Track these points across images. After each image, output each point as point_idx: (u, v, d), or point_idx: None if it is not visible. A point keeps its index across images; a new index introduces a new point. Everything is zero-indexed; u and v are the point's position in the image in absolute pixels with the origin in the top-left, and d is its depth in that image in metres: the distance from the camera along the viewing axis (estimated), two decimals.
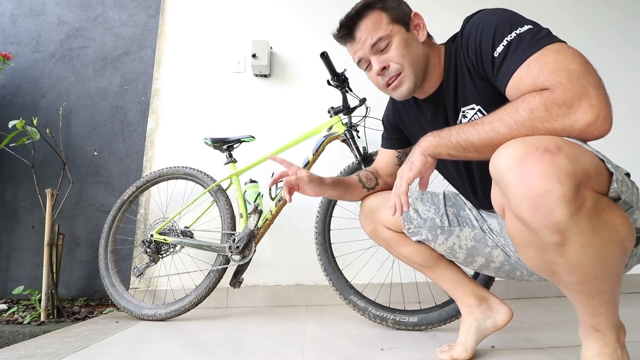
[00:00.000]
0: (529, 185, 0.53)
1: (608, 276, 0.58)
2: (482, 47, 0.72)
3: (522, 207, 0.55)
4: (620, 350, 0.64)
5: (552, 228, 0.54)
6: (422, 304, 1.53)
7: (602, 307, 0.62)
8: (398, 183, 0.78)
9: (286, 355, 1.01)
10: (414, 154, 0.75)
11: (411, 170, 0.75)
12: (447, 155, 0.71)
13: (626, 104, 2.04)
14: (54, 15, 2.08)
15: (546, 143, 0.54)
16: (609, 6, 2.16)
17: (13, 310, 1.64)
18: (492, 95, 0.75)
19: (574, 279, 0.59)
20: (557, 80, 0.59)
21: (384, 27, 0.81)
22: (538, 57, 0.63)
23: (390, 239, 1.03)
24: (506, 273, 0.96)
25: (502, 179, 0.57)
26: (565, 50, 0.62)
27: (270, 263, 1.77)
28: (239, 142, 1.58)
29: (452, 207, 1.01)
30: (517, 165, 0.54)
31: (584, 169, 0.53)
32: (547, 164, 0.52)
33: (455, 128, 0.69)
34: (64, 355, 1.04)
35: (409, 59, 0.82)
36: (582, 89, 0.57)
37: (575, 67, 0.59)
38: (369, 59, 0.84)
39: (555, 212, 0.52)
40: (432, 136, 0.73)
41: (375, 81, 0.87)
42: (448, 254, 1.00)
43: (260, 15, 2.03)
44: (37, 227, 1.86)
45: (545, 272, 0.63)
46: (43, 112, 1.95)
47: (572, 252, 0.55)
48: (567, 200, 0.51)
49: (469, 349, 0.92)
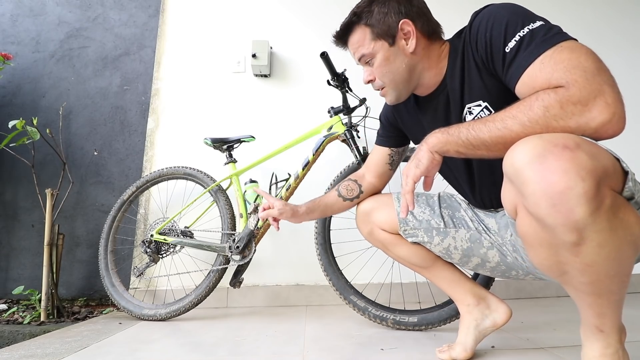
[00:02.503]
0: (549, 181, 0.52)
1: (620, 276, 0.57)
2: (492, 42, 0.70)
3: (541, 204, 0.54)
4: (622, 351, 0.64)
5: (571, 226, 0.52)
6: (422, 304, 1.53)
7: (609, 308, 0.61)
8: (404, 182, 0.75)
9: (286, 355, 1.01)
10: (421, 151, 0.72)
11: (418, 168, 0.72)
12: (456, 152, 0.69)
13: (626, 104, 2.04)
14: (54, 15, 2.08)
15: (565, 140, 0.53)
16: (609, 6, 2.16)
17: (13, 310, 1.64)
18: (500, 92, 0.74)
19: (586, 279, 0.58)
20: (572, 78, 0.58)
21: (366, 45, 0.85)
22: (552, 54, 0.61)
23: (387, 241, 1.03)
24: (501, 273, 0.97)
25: (519, 176, 0.56)
26: (579, 48, 0.61)
27: (270, 263, 1.77)
28: (239, 142, 1.58)
29: (447, 209, 1.01)
30: (536, 161, 0.53)
31: (604, 167, 0.53)
32: (568, 161, 0.51)
33: (464, 125, 0.67)
34: (64, 355, 1.04)
35: (389, 76, 0.86)
36: (598, 87, 0.56)
37: (590, 65, 0.58)
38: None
39: (575, 210, 0.51)
40: (440, 133, 0.70)
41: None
42: (444, 255, 1.00)
43: (260, 15, 2.03)
44: (37, 227, 1.86)
45: (555, 272, 0.62)
46: (43, 112, 1.95)
47: (588, 251, 0.54)
48: (589, 197, 0.50)
49: (468, 349, 0.92)
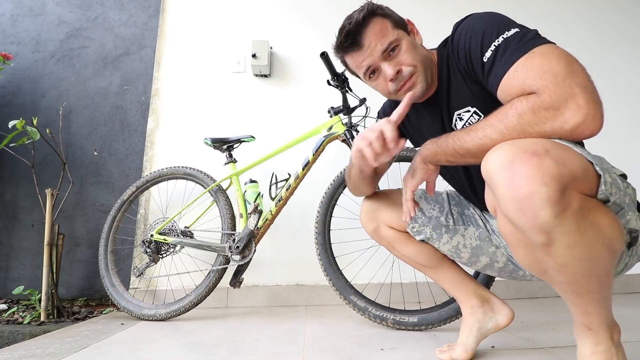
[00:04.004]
0: (516, 186, 0.54)
1: (597, 276, 0.59)
2: (471, 53, 0.74)
3: (510, 208, 0.56)
4: (615, 349, 0.65)
5: (538, 229, 0.55)
6: (422, 304, 1.53)
7: (593, 307, 0.63)
8: (403, 191, 0.86)
9: (286, 355, 1.01)
10: (415, 162, 0.80)
11: (414, 178, 0.81)
12: (446, 161, 0.74)
13: (626, 104, 2.04)
14: (54, 15, 2.08)
15: (534, 146, 0.55)
16: (609, 6, 2.16)
17: (13, 310, 1.64)
18: (487, 96, 0.76)
19: (563, 279, 0.61)
20: (543, 84, 0.60)
21: (390, 32, 0.81)
22: (524, 61, 0.64)
23: (393, 239, 1.02)
24: (509, 273, 0.97)
25: (492, 180, 0.59)
26: (551, 52, 0.63)
27: (270, 263, 1.77)
28: (239, 142, 1.58)
29: (456, 206, 1.01)
30: (505, 167, 0.56)
31: (570, 172, 0.54)
32: (534, 167, 0.53)
33: (451, 135, 0.72)
34: (64, 355, 1.04)
35: (420, 59, 0.82)
36: (569, 91, 0.58)
37: (561, 69, 0.60)
38: (378, 66, 0.83)
39: (540, 214, 0.53)
40: (431, 144, 0.77)
41: (384, 88, 0.85)
42: (452, 254, 0.99)
43: (260, 15, 2.03)
44: (37, 227, 1.86)
45: (537, 271, 0.64)
46: (43, 112, 1.95)
47: (559, 252, 0.57)
48: (552, 202, 0.52)
49: (469, 350, 0.92)
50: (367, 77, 0.86)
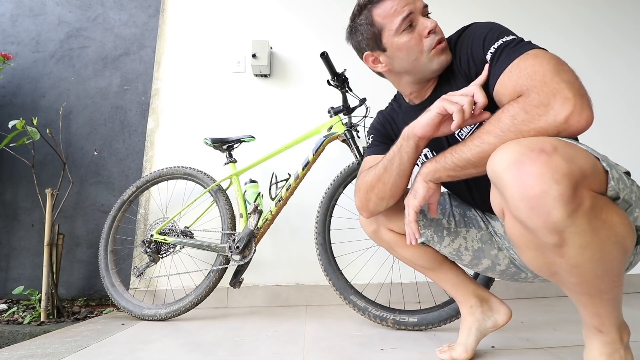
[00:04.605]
0: (526, 186, 0.53)
1: (608, 276, 0.58)
2: (474, 56, 0.78)
3: (520, 208, 0.55)
4: (624, 351, 0.64)
5: (550, 228, 0.53)
6: (422, 304, 1.53)
7: (603, 308, 0.62)
8: (406, 212, 0.80)
9: (286, 355, 1.01)
10: (417, 182, 0.77)
11: (415, 199, 0.77)
12: (448, 177, 0.73)
13: (626, 104, 2.04)
14: (54, 15, 2.08)
15: (542, 144, 0.55)
16: (609, 6, 2.16)
17: (13, 310, 1.64)
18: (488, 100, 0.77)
19: (574, 280, 0.59)
20: (532, 84, 0.63)
21: None
22: (518, 62, 0.68)
23: (393, 241, 1.01)
24: (511, 275, 0.96)
25: (500, 181, 0.58)
26: (542, 54, 0.67)
27: (270, 263, 1.77)
28: (239, 142, 1.58)
29: (458, 207, 0.99)
30: (514, 166, 0.55)
31: (581, 168, 0.53)
32: (543, 165, 0.52)
33: (449, 150, 0.72)
34: (64, 355, 1.04)
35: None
36: (556, 86, 0.61)
37: (549, 68, 0.63)
38: (416, 18, 0.81)
39: (552, 213, 0.52)
40: (430, 162, 0.75)
41: (415, 45, 0.81)
42: (453, 256, 0.98)
43: (260, 15, 2.03)
44: (37, 227, 1.86)
45: (547, 273, 0.63)
46: (43, 112, 1.95)
47: (571, 253, 0.55)
48: (565, 200, 0.51)
49: (469, 349, 0.92)
50: (401, 28, 0.80)
